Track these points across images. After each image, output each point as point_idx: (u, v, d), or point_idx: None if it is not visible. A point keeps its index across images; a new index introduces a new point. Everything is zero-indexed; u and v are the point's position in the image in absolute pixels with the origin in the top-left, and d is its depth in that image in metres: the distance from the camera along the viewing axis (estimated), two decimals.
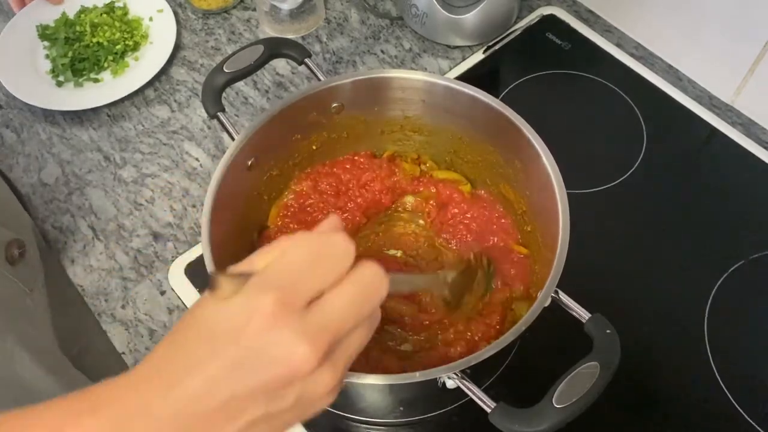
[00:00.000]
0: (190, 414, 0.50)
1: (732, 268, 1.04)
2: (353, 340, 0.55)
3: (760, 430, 0.91)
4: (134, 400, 0.51)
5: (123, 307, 1.04)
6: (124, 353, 1.00)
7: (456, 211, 1.00)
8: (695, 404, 0.94)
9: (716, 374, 0.95)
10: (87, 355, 1.08)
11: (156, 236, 1.10)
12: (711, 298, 1.01)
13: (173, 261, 1.07)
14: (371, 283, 0.55)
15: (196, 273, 1.04)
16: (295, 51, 0.95)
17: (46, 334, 0.98)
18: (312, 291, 0.52)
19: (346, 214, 0.99)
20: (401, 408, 0.87)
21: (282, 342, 0.50)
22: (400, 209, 1.02)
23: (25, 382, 0.90)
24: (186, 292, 1.03)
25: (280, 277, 0.52)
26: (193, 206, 1.12)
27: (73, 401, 0.51)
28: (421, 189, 1.02)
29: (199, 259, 1.03)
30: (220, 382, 0.50)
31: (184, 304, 1.03)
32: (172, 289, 1.04)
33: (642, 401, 0.94)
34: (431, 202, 1.01)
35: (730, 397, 0.94)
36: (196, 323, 0.53)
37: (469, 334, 0.88)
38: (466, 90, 0.91)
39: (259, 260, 0.55)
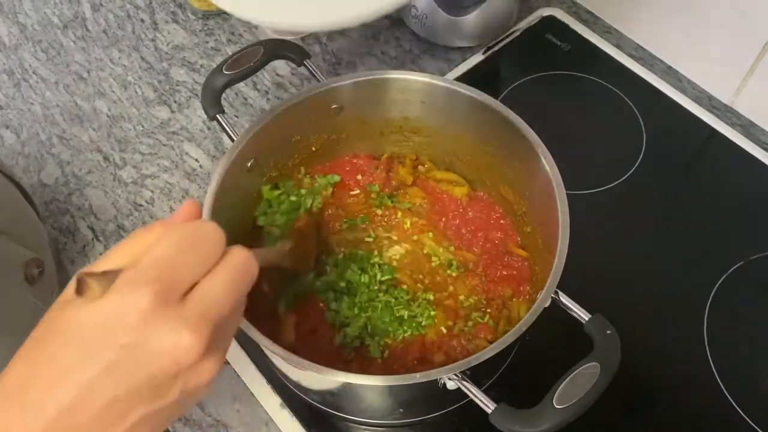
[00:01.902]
0: (64, 428, 0.48)
1: (731, 269, 1.04)
2: (230, 325, 0.55)
3: (759, 430, 0.91)
4: (4, 413, 0.49)
5: None
6: None
7: (451, 216, 1.01)
8: (695, 404, 0.94)
9: (716, 374, 0.95)
10: None
11: None
12: (711, 298, 1.01)
13: None
14: (242, 265, 0.54)
15: None
16: (295, 52, 0.95)
17: None
18: (187, 281, 0.51)
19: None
20: (401, 409, 0.87)
21: (164, 335, 0.49)
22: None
23: None
24: None
25: (154, 271, 0.50)
26: None
27: None
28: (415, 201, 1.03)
29: None
30: (97, 387, 0.48)
31: None
32: None
33: (642, 401, 0.94)
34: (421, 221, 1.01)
35: (729, 397, 0.94)
36: (60, 328, 0.50)
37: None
38: (466, 91, 0.91)
39: (118, 256, 0.53)
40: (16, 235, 0.90)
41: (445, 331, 0.91)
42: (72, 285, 0.51)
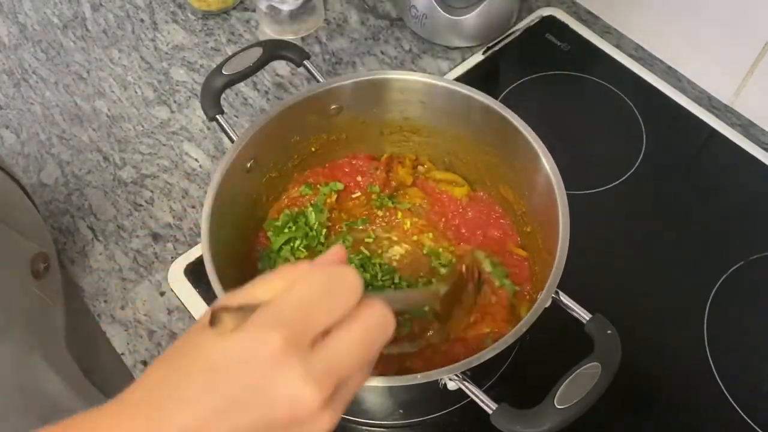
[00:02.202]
0: None
1: (731, 269, 1.04)
2: (354, 382, 0.54)
3: (759, 430, 0.91)
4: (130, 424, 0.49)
5: (122, 308, 1.04)
6: (123, 354, 1.00)
7: (450, 216, 1.01)
8: (695, 404, 0.94)
9: (715, 374, 0.95)
10: (97, 368, 1.08)
11: (155, 237, 1.10)
12: (711, 298, 1.01)
13: (173, 262, 1.07)
14: (379, 324, 0.53)
15: (196, 274, 1.04)
16: (294, 53, 0.95)
17: (62, 344, 0.98)
18: (319, 328, 0.50)
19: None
20: (401, 410, 0.87)
21: (288, 383, 0.48)
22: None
23: (49, 397, 0.90)
24: (185, 292, 1.03)
25: (288, 314, 0.50)
26: (193, 207, 1.12)
27: None
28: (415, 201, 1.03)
29: (199, 260, 1.03)
30: (217, 418, 0.49)
31: (183, 304, 1.03)
32: (172, 290, 1.04)
33: (642, 401, 0.94)
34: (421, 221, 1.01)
35: (729, 397, 0.94)
36: (193, 353, 0.51)
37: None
38: (465, 91, 0.91)
39: (260, 291, 0.53)
40: (21, 230, 0.90)
41: None
42: (207, 314, 0.51)
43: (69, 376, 0.95)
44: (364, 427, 0.93)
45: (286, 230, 0.97)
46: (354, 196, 1.02)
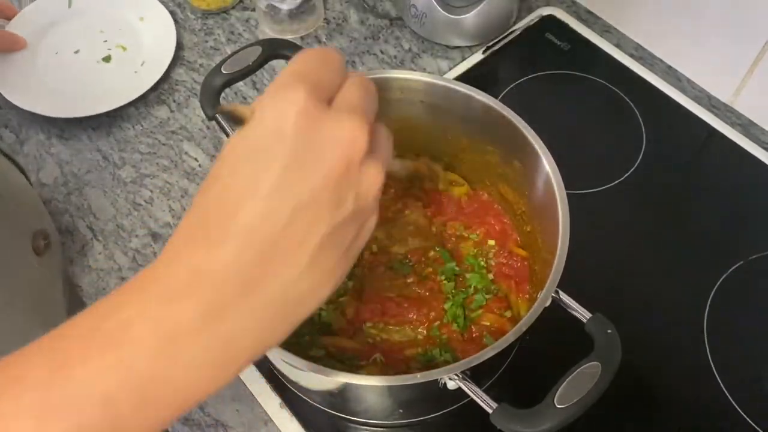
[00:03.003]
0: (257, 243, 0.48)
1: (731, 269, 1.04)
2: (381, 138, 0.56)
3: (759, 430, 0.91)
4: (188, 257, 0.48)
5: None
6: None
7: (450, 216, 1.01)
8: (695, 404, 0.94)
9: (716, 374, 0.95)
10: None
11: (155, 236, 1.10)
12: (711, 298, 1.01)
13: None
14: (365, 80, 0.56)
15: None
16: (294, 52, 0.94)
17: None
18: (331, 85, 0.53)
19: None
20: (401, 410, 0.87)
21: (328, 127, 0.50)
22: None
23: None
24: None
25: (299, 75, 0.51)
26: None
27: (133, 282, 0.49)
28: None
29: None
30: (278, 197, 0.48)
31: None
32: None
33: (642, 401, 0.94)
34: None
35: (729, 397, 0.94)
36: (227, 159, 0.50)
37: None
38: (465, 90, 0.91)
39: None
40: (22, 207, 0.90)
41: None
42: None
43: None
44: (363, 427, 0.93)
45: None
46: None
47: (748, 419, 0.92)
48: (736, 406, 0.93)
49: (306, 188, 0.49)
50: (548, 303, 0.74)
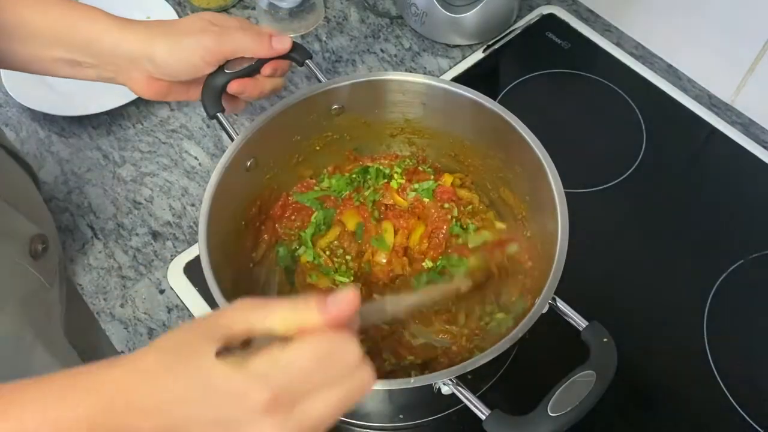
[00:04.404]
0: (165, 425, 0.56)
1: (731, 268, 1.04)
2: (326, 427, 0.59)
3: (760, 430, 0.92)
4: (118, 394, 0.56)
5: (122, 305, 1.04)
6: (123, 352, 1.01)
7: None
8: (695, 405, 0.94)
9: (716, 374, 0.96)
10: (92, 352, 1.09)
11: (155, 235, 1.10)
12: (710, 297, 1.02)
13: (172, 260, 1.07)
14: (364, 389, 0.58)
15: (195, 272, 1.03)
16: (296, 52, 0.95)
17: (59, 330, 0.99)
18: (308, 394, 0.56)
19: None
20: (400, 415, 0.88)
21: (261, 430, 0.55)
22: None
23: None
24: (185, 290, 1.04)
25: (286, 377, 0.55)
26: (192, 205, 1.12)
27: (66, 381, 0.57)
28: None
29: (198, 258, 1.03)
30: (200, 426, 0.55)
31: (183, 302, 1.03)
32: (171, 288, 1.04)
33: (642, 402, 0.94)
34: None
35: (729, 397, 0.94)
36: (198, 360, 0.55)
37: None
38: (466, 93, 0.91)
39: (275, 321, 0.57)
40: (22, 210, 0.90)
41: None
42: (228, 328, 0.57)
43: (62, 357, 0.95)
44: (358, 429, 0.93)
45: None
46: None
47: (749, 419, 0.92)
48: (737, 407, 0.93)
49: None
50: (545, 310, 0.74)
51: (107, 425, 0.55)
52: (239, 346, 0.56)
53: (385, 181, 1.03)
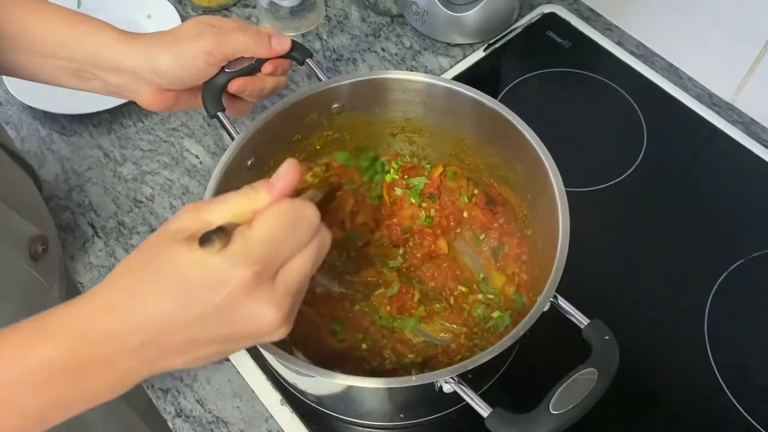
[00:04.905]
0: (148, 349, 0.58)
1: (732, 267, 1.04)
2: (303, 291, 0.64)
3: (761, 429, 0.92)
4: (94, 325, 0.58)
5: None
6: None
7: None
8: (696, 404, 0.94)
9: (717, 374, 0.96)
10: None
11: None
12: (711, 296, 1.02)
13: None
14: (326, 245, 0.64)
15: None
16: (297, 51, 0.95)
17: None
18: (283, 260, 0.60)
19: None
20: (401, 414, 0.87)
21: (253, 307, 0.58)
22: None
23: None
24: None
25: (260, 251, 0.58)
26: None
27: (30, 327, 0.59)
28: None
29: None
30: (186, 328, 0.58)
31: None
32: None
33: (643, 402, 0.94)
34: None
35: (730, 396, 0.94)
36: (170, 267, 0.58)
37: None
38: (466, 92, 0.91)
39: (226, 210, 0.60)
40: (22, 211, 0.90)
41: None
42: (187, 229, 0.59)
43: None
44: (360, 428, 0.93)
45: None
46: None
47: (749, 418, 0.93)
48: (738, 405, 0.93)
49: (209, 333, 0.59)
50: (546, 308, 0.74)
51: (82, 358, 0.57)
52: (216, 233, 0.58)
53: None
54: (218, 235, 0.57)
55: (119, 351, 0.57)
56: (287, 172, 0.62)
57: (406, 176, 1.04)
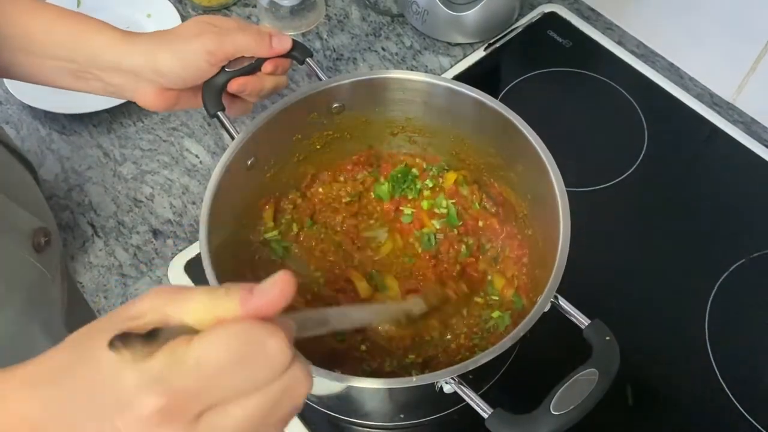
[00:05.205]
0: None
1: (733, 267, 1.04)
2: None
3: (762, 429, 0.92)
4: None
5: (123, 304, 1.03)
6: None
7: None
8: (697, 404, 0.94)
9: (717, 374, 0.96)
10: None
11: (156, 233, 1.10)
12: (712, 296, 1.02)
13: (173, 258, 1.07)
14: (293, 395, 0.49)
15: (196, 270, 1.03)
16: (297, 50, 0.94)
17: (62, 326, 0.99)
18: (217, 402, 0.47)
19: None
20: (401, 415, 0.87)
21: None
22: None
23: None
24: None
25: (182, 381, 0.45)
26: (193, 203, 1.12)
27: None
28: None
29: (199, 257, 1.03)
30: None
31: None
32: None
33: (643, 403, 0.94)
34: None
35: (731, 396, 0.94)
36: (91, 362, 0.47)
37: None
38: (467, 91, 0.91)
39: (188, 310, 0.48)
40: (23, 204, 0.90)
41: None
42: (141, 318, 0.48)
43: None
44: (360, 428, 0.93)
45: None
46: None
47: (750, 418, 0.92)
48: (738, 406, 0.93)
49: None
50: (547, 308, 0.74)
51: None
52: (142, 337, 0.45)
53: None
54: (140, 341, 0.45)
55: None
56: (277, 286, 0.48)
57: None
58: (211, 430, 0.46)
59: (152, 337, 0.45)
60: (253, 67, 0.91)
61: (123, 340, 0.45)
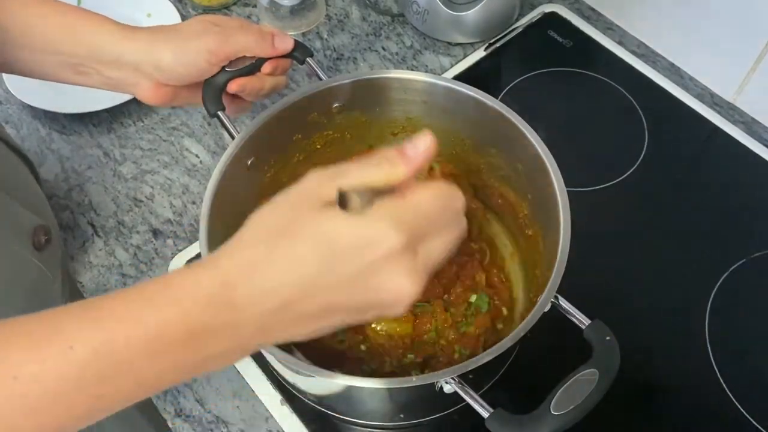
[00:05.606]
0: (278, 318, 0.57)
1: (733, 267, 1.04)
2: (433, 272, 0.62)
3: (761, 429, 0.92)
4: (222, 291, 0.56)
5: None
6: None
7: None
8: (697, 405, 0.94)
9: (718, 374, 0.95)
10: None
11: (156, 233, 1.10)
12: (712, 296, 1.01)
13: (173, 258, 1.07)
14: (463, 232, 0.64)
15: None
16: (297, 50, 0.94)
17: None
18: (429, 237, 0.60)
19: None
20: (401, 415, 0.87)
21: (396, 277, 0.57)
22: None
23: None
24: None
25: (414, 220, 0.58)
26: (193, 203, 1.12)
27: (151, 289, 0.57)
28: None
29: (199, 256, 1.03)
30: (328, 290, 0.57)
31: None
32: None
33: (644, 400, 0.94)
34: None
35: (731, 396, 0.94)
36: (310, 231, 0.56)
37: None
38: (467, 91, 0.91)
39: (360, 177, 0.59)
40: (23, 202, 0.90)
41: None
42: (323, 195, 0.58)
43: None
44: (360, 428, 0.93)
45: None
46: None
47: (749, 418, 0.92)
48: (739, 407, 0.93)
49: (347, 299, 0.58)
50: (547, 308, 0.74)
51: (206, 324, 0.55)
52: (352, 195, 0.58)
53: None
54: (357, 194, 0.57)
55: (246, 319, 0.56)
56: (424, 145, 0.61)
57: None
58: (426, 254, 0.59)
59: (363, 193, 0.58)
60: (254, 67, 0.91)
61: (352, 194, 0.57)
